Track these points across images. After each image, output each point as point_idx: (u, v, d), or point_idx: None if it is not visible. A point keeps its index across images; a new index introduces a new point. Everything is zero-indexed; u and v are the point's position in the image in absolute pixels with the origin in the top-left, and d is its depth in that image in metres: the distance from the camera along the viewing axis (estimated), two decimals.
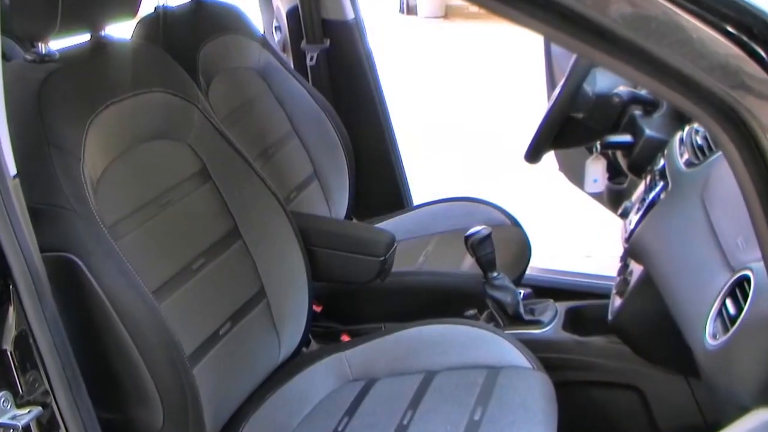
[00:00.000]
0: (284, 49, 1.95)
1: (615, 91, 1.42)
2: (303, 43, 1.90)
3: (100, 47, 1.10)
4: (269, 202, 1.27)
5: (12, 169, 0.80)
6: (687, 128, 1.19)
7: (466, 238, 1.37)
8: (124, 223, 1.03)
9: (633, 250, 1.14)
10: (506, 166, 3.11)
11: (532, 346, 1.20)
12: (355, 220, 1.88)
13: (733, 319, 0.76)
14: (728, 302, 0.78)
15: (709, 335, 0.80)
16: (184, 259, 1.10)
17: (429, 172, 3.00)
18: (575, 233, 2.69)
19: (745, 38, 0.57)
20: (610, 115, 1.42)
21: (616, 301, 1.21)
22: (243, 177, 1.24)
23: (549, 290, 1.61)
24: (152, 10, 1.49)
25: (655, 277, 1.04)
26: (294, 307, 1.27)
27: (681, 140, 1.17)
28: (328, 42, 1.88)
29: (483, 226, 1.38)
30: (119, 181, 1.05)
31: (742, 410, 0.68)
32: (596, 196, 1.66)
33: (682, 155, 1.12)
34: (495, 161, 3.40)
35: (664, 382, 1.22)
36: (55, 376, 0.79)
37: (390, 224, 1.76)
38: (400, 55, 5.14)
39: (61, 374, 0.80)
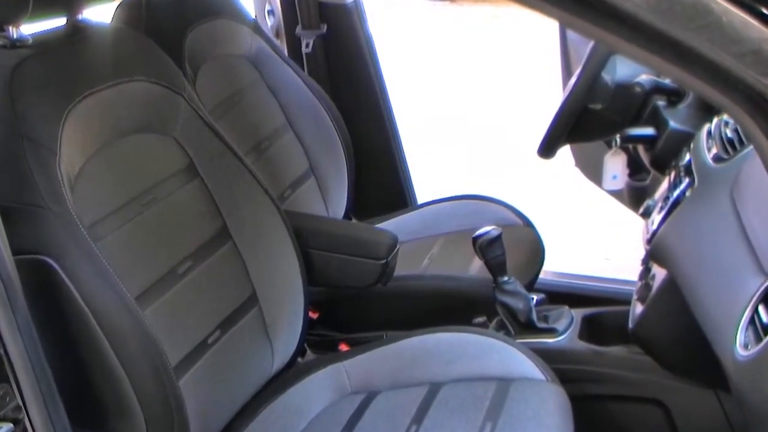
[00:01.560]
0: (278, 35, 1.94)
1: (636, 80, 1.41)
2: (298, 29, 1.90)
3: (77, 32, 1.10)
4: (262, 201, 1.26)
5: None
6: (715, 120, 1.18)
7: (474, 239, 1.37)
8: (104, 223, 1.03)
9: (656, 252, 1.14)
10: (518, 161, 3.10)
11: (545, 356, 1.20)
12: (354, 220, 1.88)
13: (766, 328, 0.76)
14: (761, 309, 0.78)
15: (740, 345, 0.79)
16: (169, 262, 1.10)
17: (434, 168, 2.99)
18: (592, 234, 2.69)
19: None
20: (630, 106, 1.42)
21: (638, 308, 1.21)
22: (233, 173, 1.24)
23: (564, 296, 1.61)
24: None
25: (679, 282, 1.04)
26: (288, 313, 1.27)
27: (708, 133, 1.16)
28: (325, 27, 1.88)
29: (492, 227, 1.37)
30: (99, 177, 1.04)
31: None
32: (615, 193, 1.66)
33: (709, 149, 1.12)
34: (505, 156, 3.39)
35: (690, 396, 1.22)
36: (27, 390, 0.79)
37: (392, 224, 1.76)
38: (403, 41, 5.14)
39: (34, 387, 0.79)
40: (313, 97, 1.73)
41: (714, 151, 1.10)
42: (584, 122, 1.44)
